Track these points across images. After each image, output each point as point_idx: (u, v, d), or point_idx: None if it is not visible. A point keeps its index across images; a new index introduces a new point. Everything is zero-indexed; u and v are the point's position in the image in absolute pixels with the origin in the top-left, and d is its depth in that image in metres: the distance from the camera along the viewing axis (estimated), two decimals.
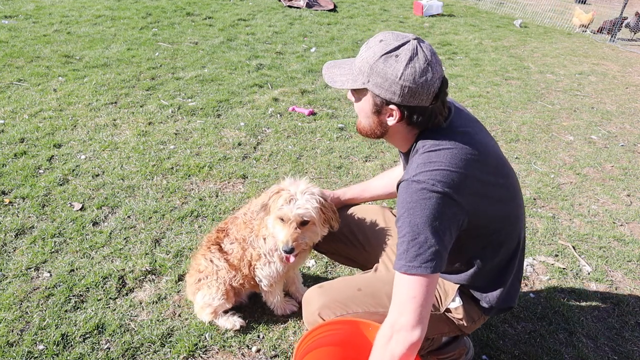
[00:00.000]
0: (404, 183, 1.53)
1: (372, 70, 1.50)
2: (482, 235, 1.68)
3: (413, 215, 1.47)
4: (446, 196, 1.47)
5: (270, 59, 6.06)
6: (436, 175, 1.48)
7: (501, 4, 10.93)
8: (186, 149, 3.91)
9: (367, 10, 9.21)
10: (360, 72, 1.53)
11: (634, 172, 4.33)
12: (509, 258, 1.80)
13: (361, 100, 1.59)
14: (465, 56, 7.14)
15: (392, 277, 1.91)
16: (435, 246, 1.47)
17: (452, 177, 1.49)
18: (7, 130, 3.92)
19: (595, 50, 8.46)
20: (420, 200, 1.47)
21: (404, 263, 1.48)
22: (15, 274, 2.57)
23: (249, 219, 2.20)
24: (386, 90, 1.50)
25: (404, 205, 1.50)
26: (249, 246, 2.20)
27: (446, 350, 2.15)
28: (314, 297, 1.86)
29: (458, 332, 1.95)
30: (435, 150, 1.54)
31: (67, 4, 7.47)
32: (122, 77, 5.09)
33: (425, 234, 1.46)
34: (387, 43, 1.49)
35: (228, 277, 2.26)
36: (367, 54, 1.51)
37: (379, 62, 1.48)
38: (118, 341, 2.25)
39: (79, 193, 3.26)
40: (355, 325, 1.80)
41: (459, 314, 1.85)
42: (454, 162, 1.51)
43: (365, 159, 4.03)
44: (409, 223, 1.48)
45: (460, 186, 1.50)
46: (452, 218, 1.51)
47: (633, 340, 2.55)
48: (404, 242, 1.49)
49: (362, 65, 1.52)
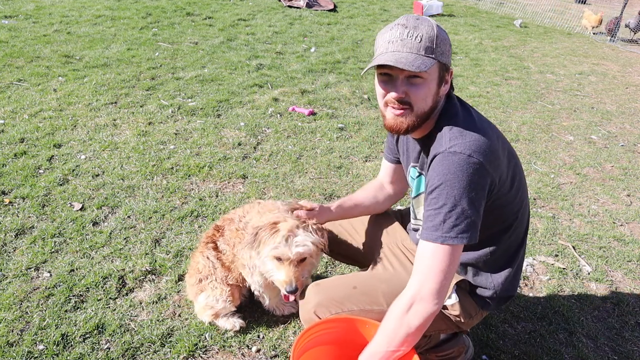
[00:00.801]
0: (440, 156, 1.54)
1: (439, 40, 1.54)
2: (500, 213, 1.72)
3: (451, 186, 1.49)
4: (482, 166, 1.50)
5: (270, 59, 6.06)
6: (472, 145, 1.51)
7: (501, 4, 10.93)
8: (186, 149, 3.91)
9: (367, 10, 9.22)
10: (426, 50, 1.53)
11: (634, 172, 4.33)
12: (519, 242, 1.85)
13: (426, 80, 1.57)
14: (465, 56, 7.14)
15: (388, 276, 1.92)
16: (471, 217, 1.50)
17: (485, 148, 1.52)
18: (7, 130, 3.92)
19: (595, 50, 8.46)
20: (458, 171, 1.49)
21: (440, 234, 1.50)
22: (15, 274, 2.57)
23: (242, 227, 2.14)
24: (448, 54, 1.59)
25: (441, 177, 1.51)
26: (237, 252, 2.17)
27: (444, 347, 2.15)
28: (310, 296, 1.87)
29: (456, 328, 1.96)
30: (462, 125, 1.59)
31: (67, 4, 7.47)
32: (122, 77, 5.09)
33: (462, 205, 1.49)
34: (423, 19, 1.56)
35: (223, 275, 2.26)
36: (424, 30, 1.53)
37: (440, 31, 1.55)
38: (118, 341, 2.25)
39: (79, 193, 3.26)
40: (352, 323, 1.81)
41: (455, 311, 1.86)
42: (482, 135, 1.55)
43: (365, 159, 4.03)
44: (447, 194, 1.49)
45: (492, 158, 1.54)
46: (485, 187, 1.54)
47: (633, 340, 2.54)
48: (440, 213, 1.51)
49: (425, 43, 1.53)
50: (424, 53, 1.52)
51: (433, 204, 1.53)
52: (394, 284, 1.85)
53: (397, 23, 1.57)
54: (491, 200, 1.61)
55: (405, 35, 1.52)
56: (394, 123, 1.64)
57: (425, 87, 1.56)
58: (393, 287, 1.83)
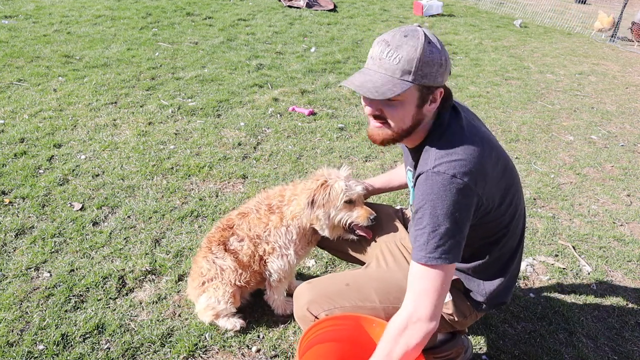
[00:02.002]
0: (423, 175, 1.54)
1: (421, 63, 1.47)
2: (488, 228, 1.71)
3: (434, 207, 1.49)
4: (466, 187, 1.49)
5: (270, 59, 6.06)
6: (457, 165, 1.50)
7: (501, 4, 10.93)
8: (186, 149, 3.91)
9: (367, 10, 9.22)
10: (402, 72, 1.48)
11: (634, 172, 4.33)
12: (512, 253, 1.84)
13: (402, 102, 1.53)
14: (465, 56, 7.14)
15: (381, 273, 1.94)
16: (455, 237, 1.50)
17: (471, 167, 1.51)
18: (7, 130, 3.92)
19: (595, 50, 8.46)
20: (442, 192, 1.48)
21: (424, 254, 1.50)
22: (15, 274, 2.57)
23: (263, 214, 2.25)
24: (435, 75, 1.51)
25: (424, 197, 1.51)
26: (262, 242, 2.24)
27: (443, 348, 2.15)
28: (303, 293, 1.89)
29: (450, 328, 1.96)
30: (451, 141, 1.56)
31: (67, 4, 7.47)
32: (122, 77, 5.09)
33: (445, 225, 1.49)
34: (412, 36, 1.48)
35: (234, 276, 2.26)
36: (405, 51, 1.47)
37: (426, 54, 1.47)
38: (118, 341, 2.25)
39: (79, 193, 3.26)
40: (359, 322, 1.81)
41: (448, 309, 1.87)
42: (469, 153, 1.54)
43: (365, 159, 4.03)
44: (430, 214, 1.49)
45: (477, 177, 1.52)
46: (471, 208, 1.54)
47: (633, 340, 2.54)
48: (424, 233, 1.51)
49: (403, 65, 1.47)
50: (399, 76, 1.48)
51: (418, 223, 1.53)
52: (386, 281, 1.88)
53: (383, 39, 1.52)
54: (477, 218, 1.61)
55: (385, 55, 1.49)
56: (372, 133, 1.65)
57: (400, 108, 1.54)
58: (385, 284, 1.86)
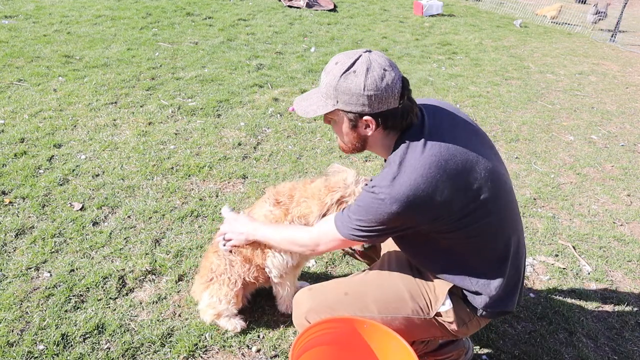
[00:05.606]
0: (366, 187, 1.66)
1: (337, 91, 1.58)
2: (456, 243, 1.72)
3: (364, 213, 1.64)
4: (396, 214, 1.58)
5: (270, 59, 6.06)
6: (395, 194, 1.56)
7: (501, 4, 10.93)
8: (186, 149, 3.91)
9: (367, 10, 9.21)
10: (327, 96, 1.62)
11: (634, 172, 4.33)
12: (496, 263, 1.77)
13: (337, 122, 1.69)
14: (465, 56, 7.14)
15: (382, 280, 1.94)
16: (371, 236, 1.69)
17: (411, 198, 1.55)
18: (7, 130, 3.92)
19: (595, 50, 8.46)
20: (372, 209, 1.61)
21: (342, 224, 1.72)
22: (15, 274, 2.57)
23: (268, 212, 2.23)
24: (355, 104, 1.59)
25: (360, 201, 1.67)
26: None
27: (444, 351, 2.14)
28: (303, 300, 1.90)
29: (452, 336, 1.94)
30: (401, 164, 1.60)
31: (67, 4, 7.47)
32: (122, 77, 5.09)
33: (368, 225, 1.65)
34: (342, 63, 1.58)
35: (242, 270, 2.24)
36: (328, 78, 1.60)
37: (340, 82, 1.57)
38: (118, 341, 2.25)
39: (79, 193, 3.26)
40: (351, 323, 1.81)
41: (449, 317, 1.83)
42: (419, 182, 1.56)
43: (365, 159, 4.03)
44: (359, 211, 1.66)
45: (416, 206, 1.57)
46: (399, 228, 1.66)
47: (633, 340, 2.55)
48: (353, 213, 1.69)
49: (327, 90, 1.61)
50: (324, 99, 1.64)
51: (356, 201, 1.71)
52: (386, 289, 1.87)
53: (332, 59, 1.63)
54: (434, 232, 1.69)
55: (323, 75, 1.63)
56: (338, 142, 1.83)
57: (337, 126, 1.71)
58: (385, 294, 1.85)
